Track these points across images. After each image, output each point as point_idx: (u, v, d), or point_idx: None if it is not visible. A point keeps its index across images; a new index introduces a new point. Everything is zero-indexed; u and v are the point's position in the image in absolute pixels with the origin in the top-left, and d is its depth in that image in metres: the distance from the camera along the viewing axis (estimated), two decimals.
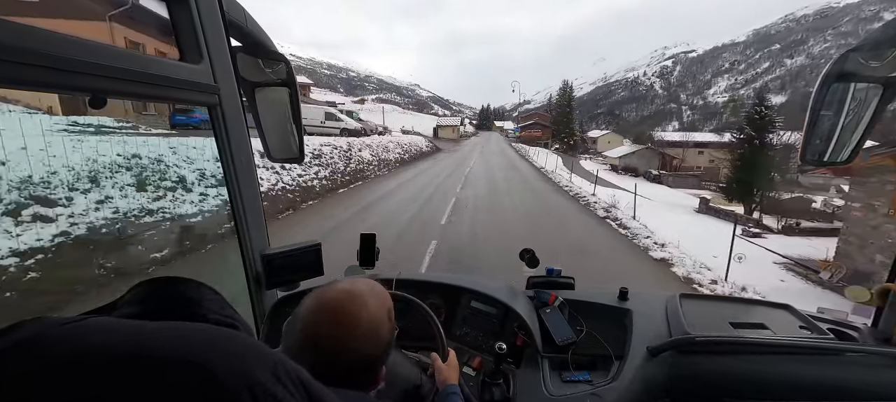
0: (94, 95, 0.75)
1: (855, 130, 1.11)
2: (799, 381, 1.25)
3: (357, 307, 0.65)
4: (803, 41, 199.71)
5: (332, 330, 0.62)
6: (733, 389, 1.29)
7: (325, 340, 0.62)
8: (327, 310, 0.64)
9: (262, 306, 1.50)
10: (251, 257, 1.41)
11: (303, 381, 0.42)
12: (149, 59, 0.86)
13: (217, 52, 1.08)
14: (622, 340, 1.46)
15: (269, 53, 1.28)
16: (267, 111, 1.33)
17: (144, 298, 0.51)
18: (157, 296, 0.51)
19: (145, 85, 0.85)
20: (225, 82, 1.15)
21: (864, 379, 1.23)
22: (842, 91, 1.09)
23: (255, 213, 1.40)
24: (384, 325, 0.68)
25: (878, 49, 1.00)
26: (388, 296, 0.73)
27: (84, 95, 0.75)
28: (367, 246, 1.72)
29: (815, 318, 1.46)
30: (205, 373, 0.34)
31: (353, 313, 0.64)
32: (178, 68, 0.97)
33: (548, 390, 1.31)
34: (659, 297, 1.64)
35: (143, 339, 0.35)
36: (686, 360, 1.32)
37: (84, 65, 0.70)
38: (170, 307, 0.50)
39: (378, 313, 0.67)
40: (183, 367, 0.34)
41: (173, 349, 0.35)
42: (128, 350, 0.34)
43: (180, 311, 0.50)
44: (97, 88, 0.75)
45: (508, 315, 1.52)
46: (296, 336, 0.64)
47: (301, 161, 1.46)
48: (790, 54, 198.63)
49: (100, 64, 0.73)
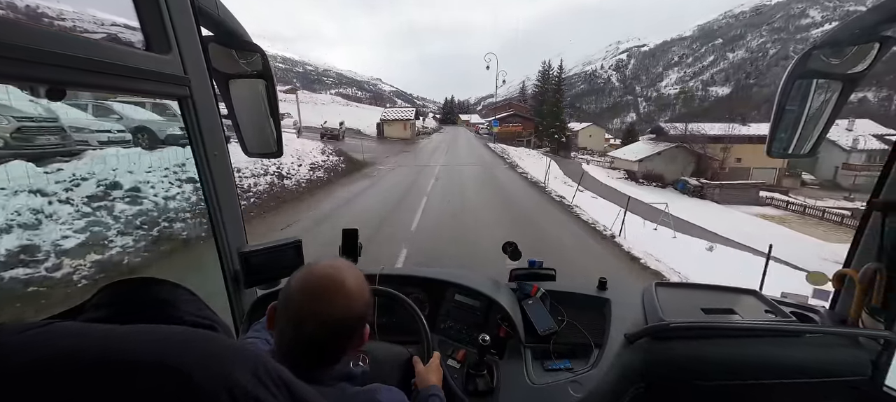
0: (53, 87, 0.70)
1: (816, 124, 1.18)
2: (764, 361, 1.33)
3: (341, 275, 0.72)
4: (742, 36, 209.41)
5: (323, 298, 0.69)
6: (704, 371, 1.35)
7: (317, 309, 0.68)
8: (316, 282, 0.71)
9: (241, 306, 1.46)
10: (228, 255, 1.37)
11: (285, 381, 0.41)
12: (113, 49, 0.81)
13: (187, 42, 1.03)
14: (601, 328, 1.51)
15: (243, 44, 1.24)
16: (242, 104, 1.29)
17: (114, 300, 0.48)
18: (127, 298, 0.49)
19: (109, 76, 0.81)
20: (196, 74, 1.10)
21: (822, 358, 1.32)
22: (805, 87, 1.14)
23: (232, 209, 1.36)
24: (364, 288, 0.76)
25: (839, 47, 1.06)
26: (361, 274, 0.80)
27: (41, 86, 0.70)
28: (349, 241, 1.70)
29: (778, 302, 1.54)
30: (181, 377, 0.33)
31: (338, 281, 0.71)
32: (145, 58, 0.92)
33: (530, 379, 1.34)
34: (636, 286, 1.70)
35: (113, 343, 0.34)
36: (661, 346, 1.37)
37: (40, 54, 0.65)
38: (142, 310, 0.48)
39: (358, 278, 0.76)
40: (158, 371, 0.32)
41: (147, 353, 0.33)
42: (97, 355, 0.32)
43: (154, 313, 0.48)
44: (55, 80, 0.70)
45: (492, 307, 1.54)
46: (290, 310, 0.69)
47: (279, 155, 1.42)
48: (731, 48, 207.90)
49: (58, 53, 0.68)
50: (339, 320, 0.70)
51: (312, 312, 0.68)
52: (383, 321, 1.58)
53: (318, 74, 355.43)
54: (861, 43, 1.03)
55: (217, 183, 1.27)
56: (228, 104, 1.27)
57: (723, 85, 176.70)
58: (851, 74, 1.07)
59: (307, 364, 0.68)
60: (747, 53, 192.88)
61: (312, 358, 0.69)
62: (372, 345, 1.29)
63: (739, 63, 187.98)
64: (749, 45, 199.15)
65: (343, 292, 0.70)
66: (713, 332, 1.38)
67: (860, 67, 1.05)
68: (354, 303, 0.72)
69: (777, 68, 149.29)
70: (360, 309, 0.74)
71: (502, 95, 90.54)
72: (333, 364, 0.73)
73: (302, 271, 0.73)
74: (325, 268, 0.73)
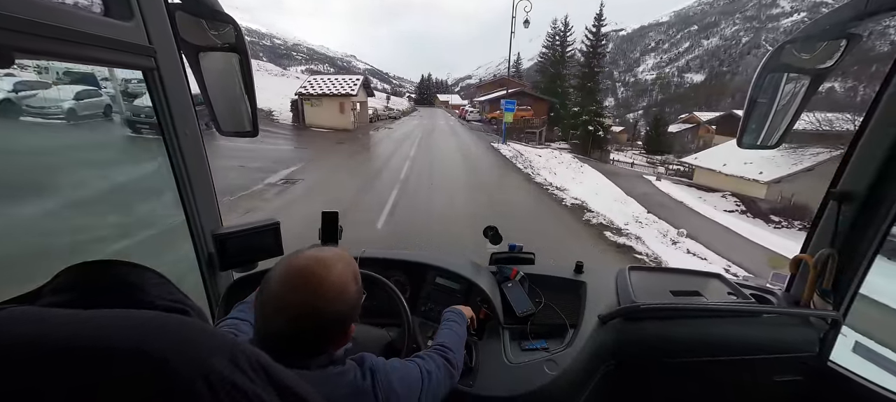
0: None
1: (785, 116, 1.23)
2: (725, 339, 1.42)
3: (325, 270, 0.67)
4: (716, 23, 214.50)
5: (302, 292, 0.65)
6: (671, 349, 1.43)
7: (295, 301, 0.65)
8: (296, 273, 0.66)
9: (216, 289, 1.42)
10: (201, 238, 1.32)
11: (263, 365, 0.40)
12: (66, 12, 0.74)
13: (151, 9, 0.96)
14: (577, 310, 1.56)
15: (215, 14, 1.16)
16: (214, 79, 1.21)
17: (75, 284, 0.45)
18: (90, 282, 0.46)
19: (62, 42, 0.74)
20: (162, 44, 1.03)
21: (776, 336, 1.42)
22: (776, 80, 1.19)
23: (205, 190, 1.30)
24: (351, 286, 0.71)
25: (809, 42, 1.10)
26: (353, 261, 0.75)
27: None
28: (329, 224, 1.67)
29: (740, 285, 1.64)
30: (154, 362, 0.31)
31: (320, 275, 0.66)
32: (103, 25, 0.85)
33: (507, 358, 1.38)
34: (611, 270, 1.76)
35: (78, 328, 0.32)
36: (632, 326, 1.44)
37: None
38: (107, 294, 0.46)
39: (344, 275, 0.70)
40: (129, 357, 0.31)
41: (118, 338, 0.32)
42: (62, 341, 0.30)
43: (120, 297, 0.46)
44: (2, 44, 0.64)
45: (472, 290, 1.56)
46: (267, 300, 0.66)
47: (255, 134, 1.36)
48: (706, 35, 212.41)
49: (4, 15, 0.62)
50: (319, 317, 0.66)
51: (288, 305, 0.64)
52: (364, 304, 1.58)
53: (286, 49, 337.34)
54: (830, 39, 1.08)
55: (188, 162, 1.21)
56: (199, 79, 1.20)
57: (698, 72, 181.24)
58: (820, 68, 1.12)
59: (287, 354, 0.65)
60: (721, 41, 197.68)
61: (292, 350, 0.66)
62: None
63: (713, 50, 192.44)
64: (723, 32, 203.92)
65: (325, 287, 0.66)
66: (680, 313, 1.46)
67: (829, 63, 1.09)
68: (336, 301, 0.67)
69: (750, 57, 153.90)
70: (343, 308, 0.69)
71: (480, 77, 79.43)
72: (314, 356, 0.70)
73: (285, 258, 0.69)
74: (309, 259, 0.68)
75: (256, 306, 0.68)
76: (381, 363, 0.81)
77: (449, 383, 0.97)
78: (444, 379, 0.93)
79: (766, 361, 1.42)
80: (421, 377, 0.86)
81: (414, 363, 0.89)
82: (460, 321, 1.20)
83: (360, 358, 0.78)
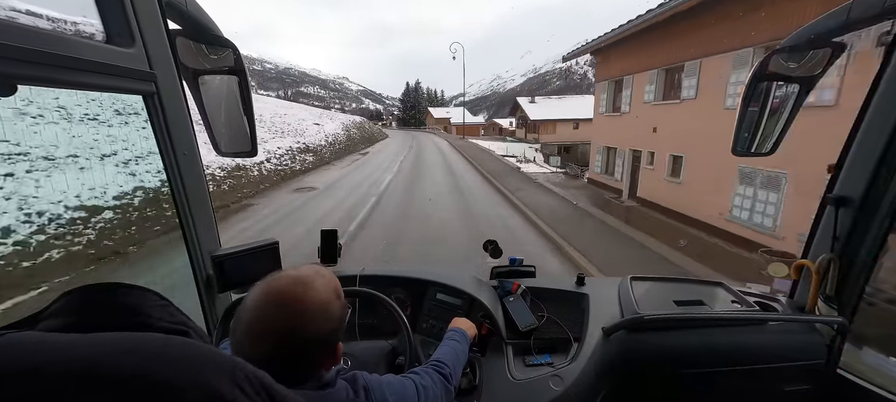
0: (2, 81, 0.65)
1: (777, 123, 1.25)
2: (731, 349, 1.40)
3: (303, 289, 0.64)
4: None
5: (280, 314, 0.62)
6: (677, 361, 1.41)
7: (272, 327, 0.62)
8: (274, 296, 0.63)
9: (215, 311, 1.40)
10: (200, 260, 1.31)
11: (265, 386, 0.40)
12: (69, 41, 0.76)
13: (152, 35, 0.98)
14: (580, 323, 1.54)
15: (214, 39, 1.18)
16: (213, 102, 1.23)
17: (76, 308, 0.45)
18: (91, 306, 0.46)
19: (65, 70, 0.75)
20: (162, 69, 1.04)
21: (782, 344, 1.40)
22: (766, 89, 1.21)
23: (204, 212, 1.30)
24: (333, 303, 0.68)
25: (797, 51, 1.13)
26: (333, 276, 0.73)
27: None
28: (328, 242, 1.66)
29: (743, 292, 1.63)
30: (155, 386, 0.31)
31: (298, 295, 0.64)
32: (105, 52, 0.86)
33: (511, 374, 1.36)
34: (612, 280, 1.75)
35: (79, 352, 0.31)
36: (636, 337, 1.42)
37: None
38: (109, 317, 0.45)
39: (325, 293, 0.67)
40: (130, 381, 0.31)
41: (119, 362, 0.31)
42: (61, 368, 0.30)
43: (122, 320, 0.45)
44: (4, 73, 0.65)
45: (473, 305, 1.55)
46: (244, 328, 0.62)
47: (253, 154, 1.37)
48: None
49: (6, 44, 0.63)
50: (303, 339, 0.63)
51: (265, 331, 0.61)
52: (366, 323, 1.56)
53: (277, 73, 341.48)
54: (815, 49, 1.10)
55: (187, 184, 1.21)
56: (199, 102, 1.22)
57: None
58: (807, 77, 1.14)
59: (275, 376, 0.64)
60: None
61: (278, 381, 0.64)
62: (354, 346, 1.28)
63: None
64: None
65: (305, 306, 0.63)
66: (685, 323, 1.44)
67: (815, 71, 1.12)
68: (319, 319, 0.64)
69: None
70: (328, 326, 0.66)
71: (473, 94, 77.56)
72: (303, 382, 0.66)
73: (261, 282, 0.66)
74: (286, 281, 0.65)
75: (231, 339, 0.64)
76: (374, 379, 0.79)
77: (446, 398, 0.95)
78: (440, 395, 0.92)
79: (774, 370, 1.39)
80: (416, 392, 0.84)
81: (409, 378, 0.88)
82: (461, 339, 1.18)
83: (352, 377, 0.75)
